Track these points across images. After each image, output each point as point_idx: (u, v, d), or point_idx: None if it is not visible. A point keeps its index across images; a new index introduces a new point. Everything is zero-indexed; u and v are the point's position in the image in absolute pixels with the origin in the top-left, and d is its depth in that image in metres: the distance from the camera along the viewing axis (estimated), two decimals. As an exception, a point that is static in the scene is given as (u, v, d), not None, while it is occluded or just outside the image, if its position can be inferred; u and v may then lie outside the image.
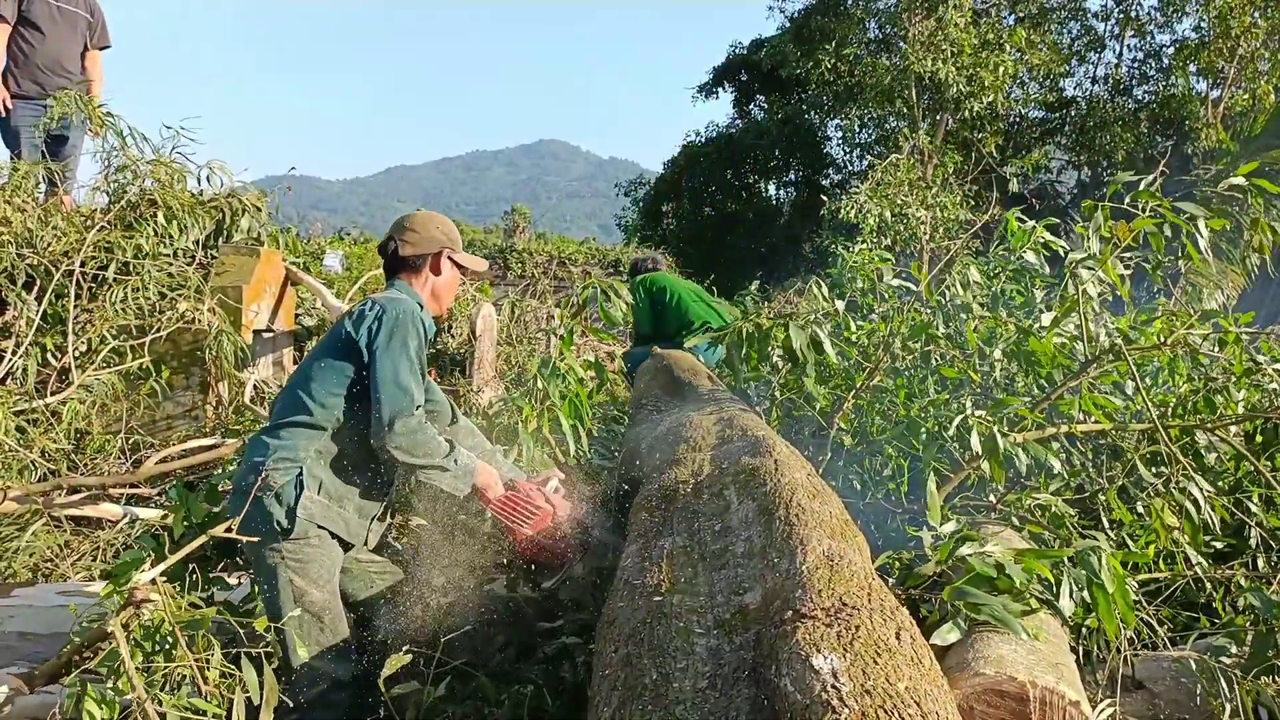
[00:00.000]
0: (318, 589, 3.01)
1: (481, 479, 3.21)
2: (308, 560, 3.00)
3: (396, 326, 3.04)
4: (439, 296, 3.39)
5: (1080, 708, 1.99)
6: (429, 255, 3.34)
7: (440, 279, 3.37)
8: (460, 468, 3.12)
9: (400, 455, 2.98)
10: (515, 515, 3.30)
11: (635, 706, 1.88)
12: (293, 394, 3.13)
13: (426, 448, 3.01)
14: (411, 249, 3.32)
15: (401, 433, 2.95)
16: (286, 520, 2.95)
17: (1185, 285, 9.60)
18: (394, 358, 3.00)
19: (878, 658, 1.69)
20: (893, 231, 13.08)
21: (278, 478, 2.96)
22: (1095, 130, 20.65)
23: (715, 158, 25.07)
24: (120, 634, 2.35)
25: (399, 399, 2.96)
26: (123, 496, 5.17)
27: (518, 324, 9.08)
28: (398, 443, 2.95)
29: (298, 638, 2.93)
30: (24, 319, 6.04)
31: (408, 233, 3.35)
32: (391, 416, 2.94)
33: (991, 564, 2.59)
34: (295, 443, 3.04)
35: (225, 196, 6.99)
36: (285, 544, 2.96)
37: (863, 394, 4.10)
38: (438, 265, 3.35)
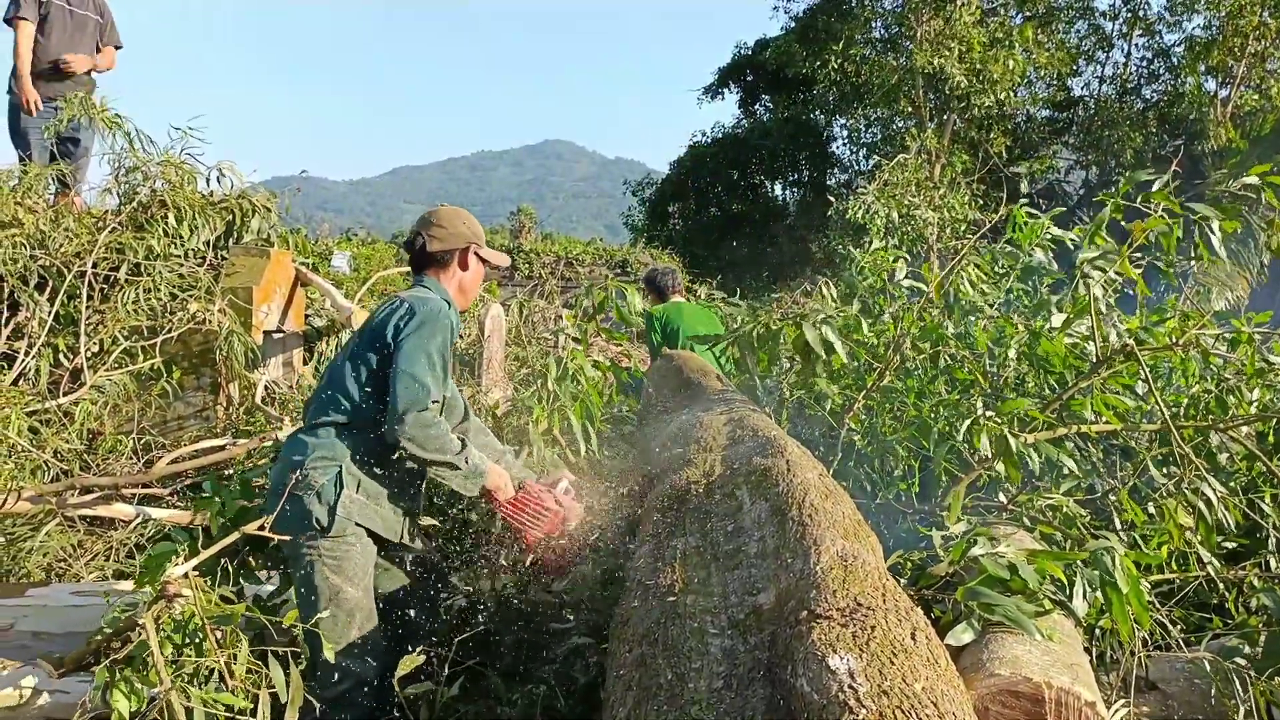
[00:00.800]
0: (353, 586, 3.03)
1: (492, 480, 3.22)
2: (344, 558, 3.02)
3: (424, 323, 3.08)
4: (465, 291, 3.43)
5: (1095, 708, 1.99)
6: (456, 250, 3.37)
7: (467, 274, 3.41)
8: (471, 467, 3.13)
9: (411, 447, 3.00)
10: (524, 517, 3.30)
11: (650, 707, 1.88)
12: (327, 393, 3.17)
13: (438, 443, 3.03)
14: (439, 244, 3.35)
15: (414, 425, 2.97)
16: (326, 518, 2.98)
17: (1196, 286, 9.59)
18: (415, 351, 3.03)
19: (894, 658, 1.69)
20: (900, 232, 13.05)
21: (318, 476, 2.99)
22: (1103, 130, 20.60)
23: (721, 158, 25.06)
24: (151, 627, 2.36)
25: (414, 391, 2.98)
26: (135, 496, 5.19)
27: (526, 324, 9.10)
28: (409, 434, 2.97)
29: (329, 635, 2.94)
30: (36, 320, 6.06)
31: (435, 228, 3.38)
32: (405, 408, 2.96)
33: (1004, 565, 2.59)
34: (333, 441, 3.07)
35: (235, 197, 7.01)
36: (323, 541, 2.99)
37: (873, 394, 4.10)
38: (465, 260, 3.39)
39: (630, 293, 4.46)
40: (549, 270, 17.30)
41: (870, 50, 20.40)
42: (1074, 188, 22.94)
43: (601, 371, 4.49)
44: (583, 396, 4.27)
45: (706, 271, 18.25)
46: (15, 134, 7.30)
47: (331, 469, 3.02)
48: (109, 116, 6.82)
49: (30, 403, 5.63)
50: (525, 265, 17.76)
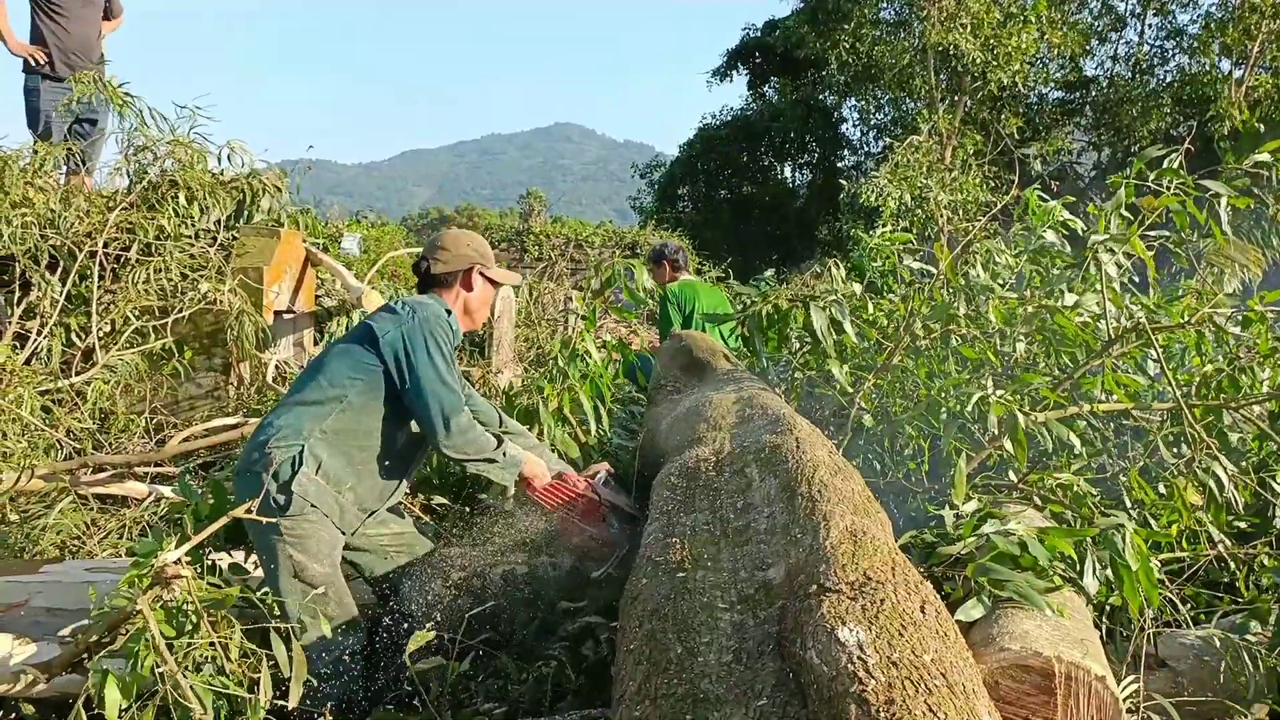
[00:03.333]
0: (318, 564, 3.04)
1: (528, 469, 3.33)
2: (306, 535, 3.02)
3: (428, 332, 3.13)
4: (472, 312, 3.46)
5: (1105, 683, 1.99)
6: (460, 272, 3.40)
7: (472, 294, 3.43)
8: (508, 460, 3.26)
9: (456, 455, 3.15)
10: (559, 502, 3.40)
11: (660, 680, 1.89)
12: (305, 376, 3.21)
13: (478, 445, 3.17)
14: (443, 266, 3.38)
15: (457, 433, 3.10)
16: (281, 497, 2.98)
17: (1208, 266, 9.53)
18: (432, 361, 3.10)
19: (903, 631, 1.70)
20: (912, 215, 13.01)
21: (278, 455, 2.99)
22: (1116, 110, 20.47)
23: (731, 140, 25.01)
24: (149, 612, 2.37)
25: (447, 398, 3.09)
26: (148, 475, 5.22)
27: (536, 306, 9.11)
28: (455, 443, 3.11)
29: (304, 612, 2.96)
30: (48, 300, 6.08)
31: (440, 251, 3.41)
32: (446, 416, 3.08)
33: (1015, 542, 2.59)
34: (300, 422, 3.07)
35: (246, 177, 7.02)
36: (283, 520, 2.98)
37: (883, 374, 4.10)
38: (469, 281, 3.42)
39: (638, 270, 4.46)
40: (558, 252, 17.29)
41: (880, 31, 20.27)
42: (1086, 169, 22.81)
43: (609, 351, 4.49)
44: (592, 375, 4.27)
45: (716, 254, 18.22)
46: (32, 115, 7.34)
47: (293, 448, 3.02)
48: (121, 94, 6.82)
49: (43, 382, 5.66)
50: (535, 248, 17.76)
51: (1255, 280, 11.07)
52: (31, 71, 7.29)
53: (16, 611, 3.53)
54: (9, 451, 5.04)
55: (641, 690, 1.89)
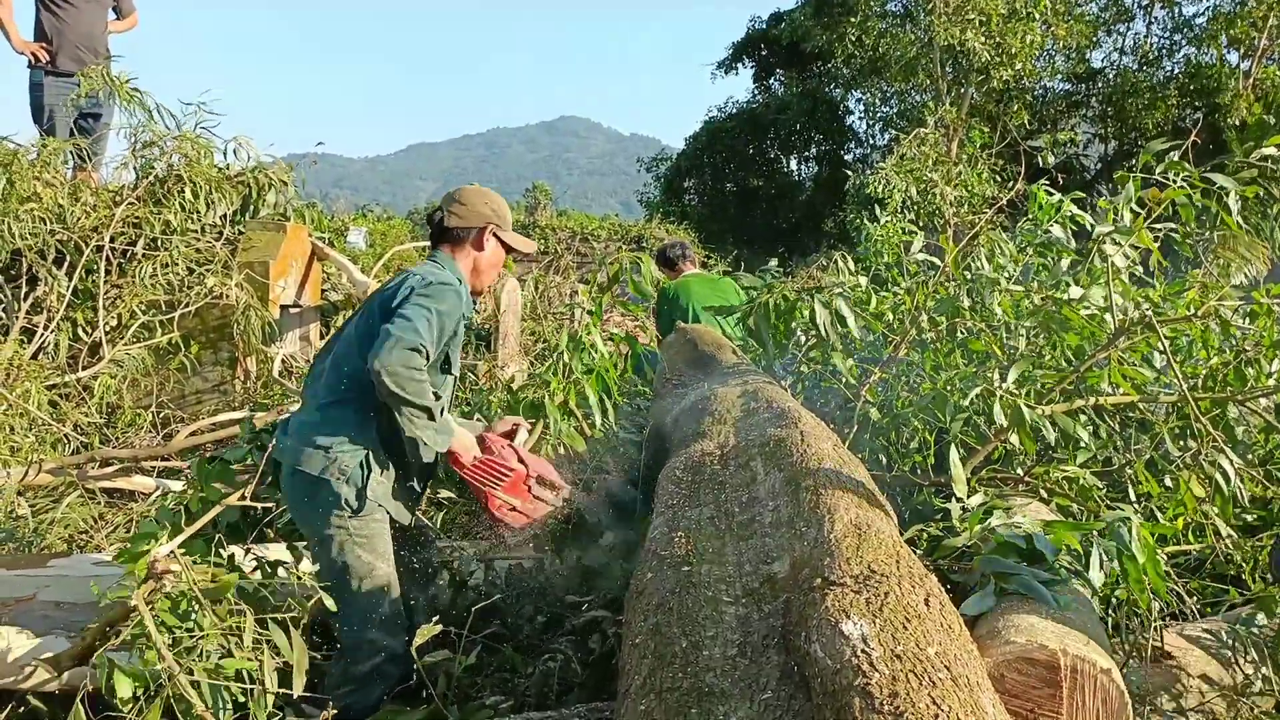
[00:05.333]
0: (384, 563, 3.03)
1: (459, 441, 3.14)
2: (373, 535, 3.01)
3: (433, 288, 3.01)
4: (480, 272, 3.35)
5: (1111, 675, 1.99)
6: (474, 229, 3.31)
7: (483, 255, 3.33)
8: (441, 423, 3.03)
9: (389, 381, 2.82)
10: (489, 479, 3.22)
11: (665, 674, 1.89)
12: (337, 371, 3.10)
13: (418, 386, 2.88)
14: (458, 220, 3.30)
15: (398, 360, 2.81)
16: (356, 501, 2.96)
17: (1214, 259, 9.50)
18: (418, 306, 2.94)
19: (907, 623, 1.70)
20: (918, 207, 12.97)
21: (348, 460, 2.95)
22: (1123, 102, 20.39)
23: (737, 133, 24.97)
24: (143, 607, 2.37)
25: (408, 333, 2.86)
26: (155, 469, 5.24)
27: (542, 299, 9.11)
28: (392, 367, 2.81)
29: (366, 613, 2.96)
30: (55, 294, 6.10)
31: (456, 205, 3.33)
32: (395, 340, 2.83)
33: (1020, 535, 2.59)
34: (354, 423, 3.01)
35: (251, 171, 7.02)
36: (352, 521, 2.96)
37: (889, 367, 4.09)
38: (481, 241, 3.32)
39: (645, 263, 4.45)
40: (564, 246, 17.29)
41: (886, 23, 20.21)
42: (1092, 161, 22.73)
43: (616, 343, 4.49)
44: (598, 369, 4.27)
45: (722, 247, 18.20)
46: (37, 110, 7.35)
47: (359, 453, 2.98)
48: (128, 89, 6.83)
49: (50, 376, 5.69)
50: (541, 241, 17.75)
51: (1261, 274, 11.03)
52: (36, 66, 7.30)
53: (25, 605, 3.54)
54: (17, 446, 5.07)
55: (647, 684, 1.90)
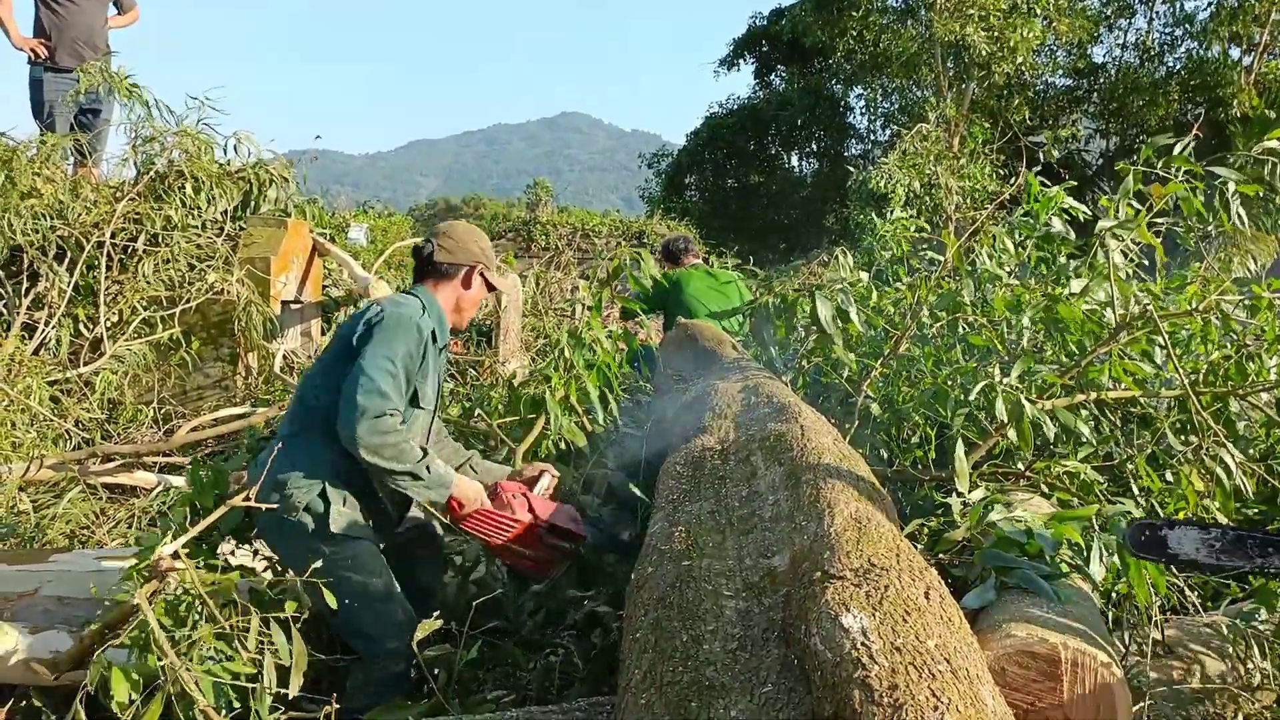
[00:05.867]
0: (377, 576, 3.00)
1: (458, 491, 3.06)
2: (356, 555, 2.97)
3: (389, 328, 2.96)
4: (462, 310, 3.33)
5: (1111, 669, 1.99)
6: (463, 266, 3.28)
7: (468, 293, 3.31)
8: (434, 477, 2.97)
9: (366, 455, 2.83)
10: (489, 530, 3.12)
11: (666, 668, 1.89)
12: (300, 401, 3.10)
13: (395, 450, 2.86)
14: (447, 256, 3.26)
15: (368, 431, 2.81)
16: (323, 529, 2.93)
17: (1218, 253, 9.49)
18: (377, 355, 2.91)
19: (907, 616, 1.70)
20: (920, 203, 12.98)
21: (301, 497, 2.92)
22: (1125, 97, 20.36)
23: (738, 129, 24.93)
24: (146, 606, 2.37)
25: (371, 396, 2.84)
26: (156, 465, 5.24)
27: (543, 295, 9.10)
28: (364, 441, 2.82)
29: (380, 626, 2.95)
30: (56, 290, 6.11)
31: (446, 239, 3.29)
32: (360, 410, 2.82)
33: (1021, 529, 2.60)
34: (311, 457, 2.98)
35: (252, 167, 7.02)
36: (327, 548, 2.91)
37: (890, 362, 4.10)
38: (469, 279, 3.30)
39: (645, 258, 4.45)
40: (565, 242, 17.28)
41: (887, 19, 20.17)
42: (1093, 157, 22.70)
43: (614, 340, 4.48)
44: (599, 364, 4.27)
45: (723, 243, 18.19)
46: (37, 106, 7.35)
47: (315, 486, 2.94)
48: (127, 85, 6.83)
49: (51, 372, 5.69)
50: (541, 237, 17.74)
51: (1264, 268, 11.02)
52: (36, 63, 7.30)
53: (27, 601, 3.55)
54: (18, 441, 5.07)
55: (647, 677, 1.90)
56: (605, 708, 2.37)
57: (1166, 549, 2.38)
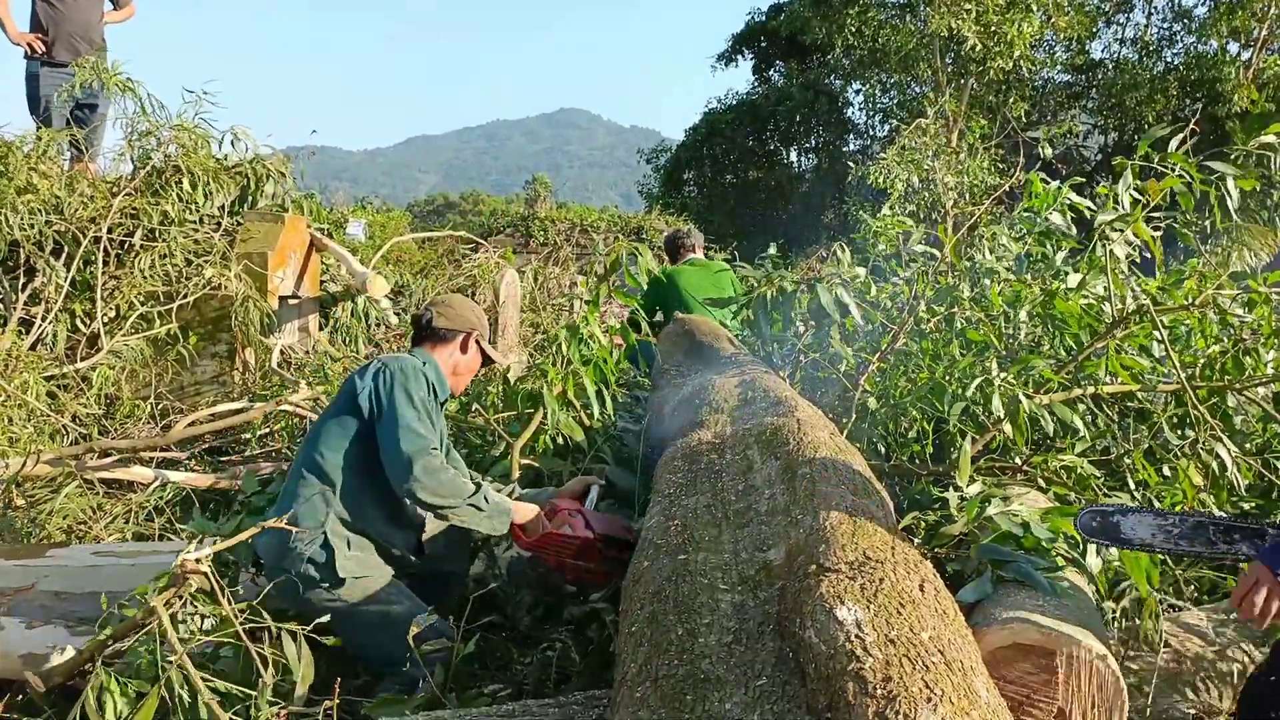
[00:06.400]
0: (395, 605, 3.07)
1: (520, 515, 3.21)
2: (368, 588, 3.06)
3: (399, 380, 3.11)
4: (459, 374, 3.47)
5: (1106, 662, 1.99)
6: (460, 332, 3.43)
7: (464, 358, 3.46)
8: (493, 506, 3.11)
9: (426, 497, 2.96)
10: (553, 551, 3.26)
11: (661, 661, 1.89)
12: (306, 453, 3.20)
13: (452, 487, 3.00)
14: (445, 322, 3.42)
15: (423, 473, 2.95)
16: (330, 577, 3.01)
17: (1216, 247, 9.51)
18: (400, 407, 3.05)
19: (901, 609, 1.70)
20: (919, 197, 12.98)
21: (304, 549, 3.01)
22: (1123, 93, 20.36)
23: (737, 125, 24.94)
24: (163, 610, 2.40)
25: (413, 440, 2.98)
26: (153, 460, 5.23)
27: (541, 291, 9.10)
28: (422, 483, 2.95)
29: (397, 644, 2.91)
30: (53, 285, 6.10)
31: (444, 307, 3.46)
32: (409, 457, 2.95)
33: (1018, 523, 2.60)
34: (314, 508, 3.08)
35: (249, 162, 7.00)
36: (340, 591, 3.02)
37: (887, 357, 4.10)
38: (465, 345, 3.45)
39: (642, 253, 4.45)
40: (564, 238, 17.27)
41: (885, 14, 20.16)
42: (1092, 153, 22.71)
43: (611, 335, 4.48)
44: (596, 360, 4.27)
45: (721, 238, 18.17)
46: (33, 100, 7.34)
47: (315, 539, 3.03)
48: (121, 80, 6.81)
49: (48, 367, 5.68)
50: (540, 233, 17.73)
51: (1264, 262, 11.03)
52: (32, 58, 7.29)
53: (24, 596, 3.55)
54: (15, 437, 5.07)
55: (643, 671, 1.90)
56: (601, 701, 2.37)
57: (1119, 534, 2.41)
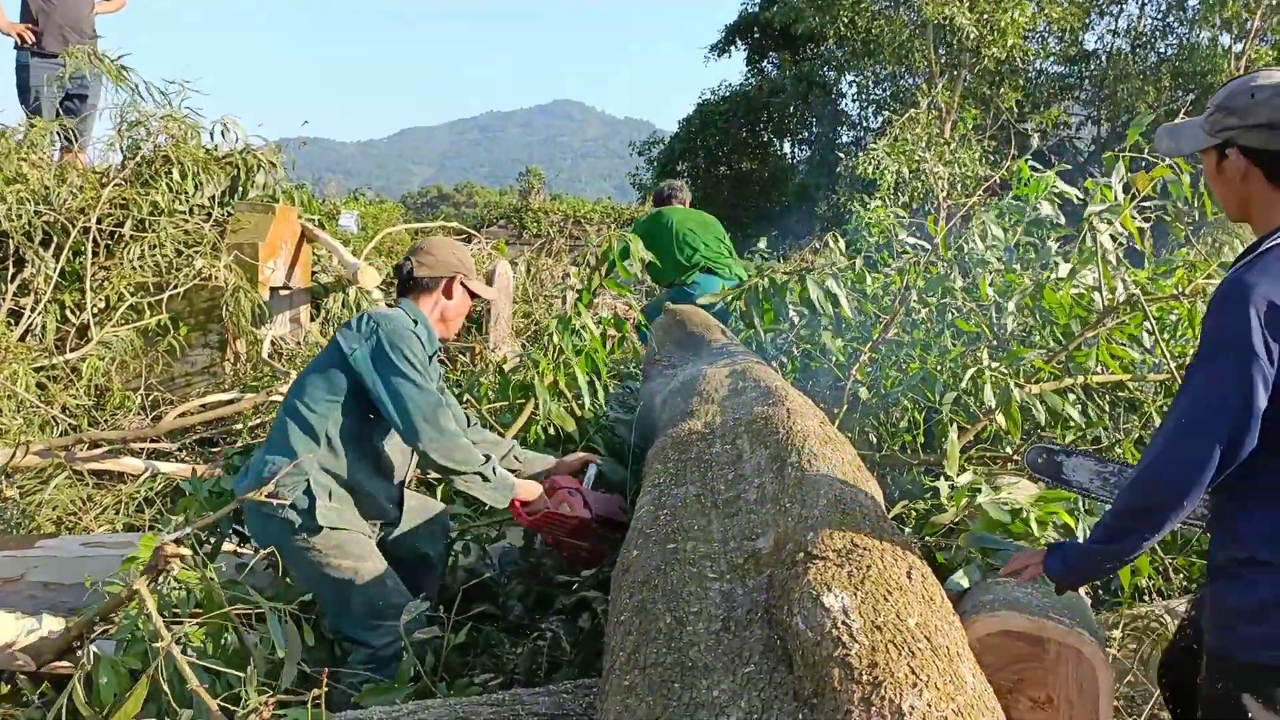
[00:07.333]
0: (365, 560, 3.08)
1: (522, 492, 3.26)
2: (343, 543, 3.06)
3: (394, 342, 3.10)
4: (447, 320, 3.44)
5: (1095, 649, 2.00)
6: (442, 279, 3.38)
7: (450, 303, 3.42)
8: (499, 479, 3.17)
9: (438, 458, 3.04)
10: (550, 529, 3.34)
11: (650, 650, 1.90)
12: (290, 406, 3.20)
13: (464, 454, 3.07)
14: (426, 271, 3.36)
15: (439, 435, 3.02)
16: (310, 522, 3.01)
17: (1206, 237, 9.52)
18: (403, 370, 3.06)
19: (888, 595, 1.71)
20: (911, 188, 12.99)
21: (286, 493, 2.99)
22: (1115, 84, 20.37)
23: (730, 116, 24.90)
24: (146, 591, 2.38)
25: (424, 400, 3.04)
26: (144, 451, 5.23)
27: (534, 282, 9.08)
28: (440, 446, 3.02)
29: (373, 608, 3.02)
30: (42, 276, 6.07)
31: (423, 255, 3.40)
32: (426, 418, 3.01)
33: (1007, 511, 2.60)
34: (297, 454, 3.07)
35: (240, 152, 6.98)
36: (315, 539, 3.02)
37: (879, 347, 4.10)
38: (450, 289, 3.39)
39: (634, 244, 4.44)
40: (557, 229, 17.26)
41: (879, 5, 20.13)
42: (1085, 144, 22.72)
43: (605, 326, 4.49)
44: (587, 350, 4.27)
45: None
46: (23, 91, 7.31)
47: (299, 484, 3.02)
48: (116, 68, 6.78)
49: (38, 358, 5.67)
50: (533, 225, 17.73)
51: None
52: (22, 48, 7.26)
53: (13, 586, 3.54)
54: (5, 428, 5.06)
55: (631, 660, 1.90)
56: (591, 690, 2.38)
57: (1061, 474, 2.50)
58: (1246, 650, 1.88)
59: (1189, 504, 1.83)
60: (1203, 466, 1.80)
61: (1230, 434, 1.79)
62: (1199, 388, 1.85)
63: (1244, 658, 1.88)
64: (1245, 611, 1.88)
